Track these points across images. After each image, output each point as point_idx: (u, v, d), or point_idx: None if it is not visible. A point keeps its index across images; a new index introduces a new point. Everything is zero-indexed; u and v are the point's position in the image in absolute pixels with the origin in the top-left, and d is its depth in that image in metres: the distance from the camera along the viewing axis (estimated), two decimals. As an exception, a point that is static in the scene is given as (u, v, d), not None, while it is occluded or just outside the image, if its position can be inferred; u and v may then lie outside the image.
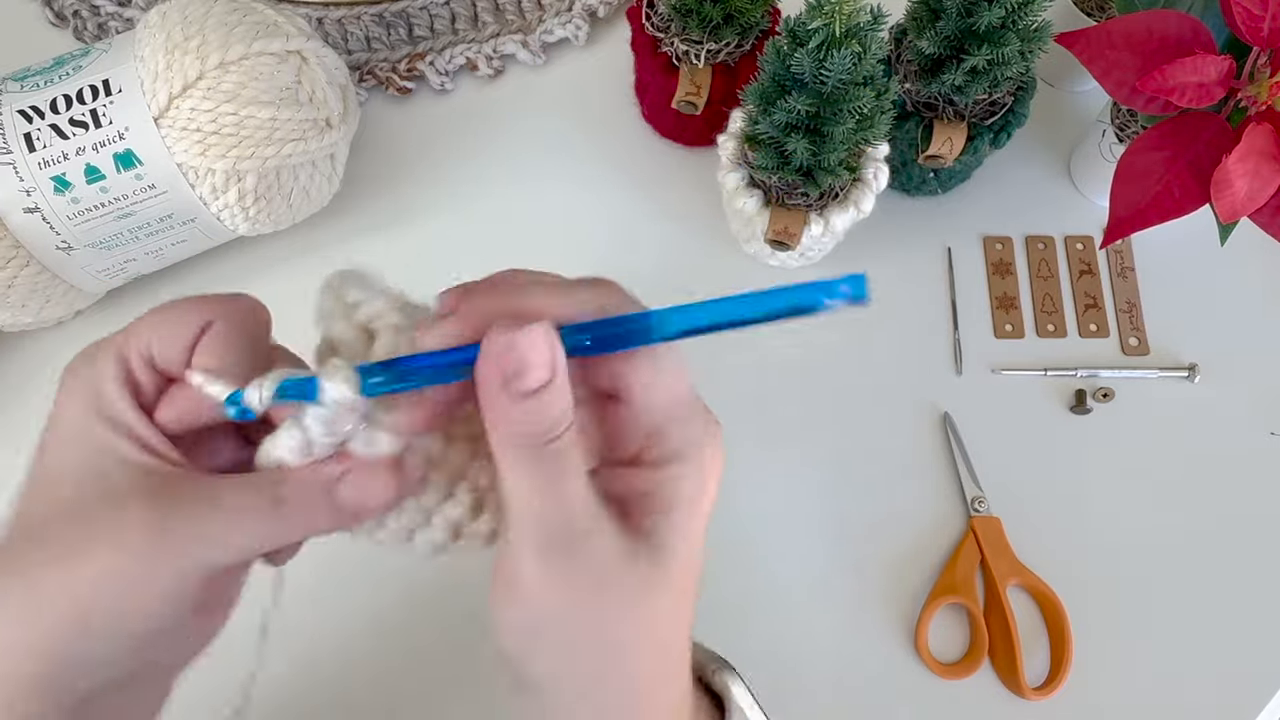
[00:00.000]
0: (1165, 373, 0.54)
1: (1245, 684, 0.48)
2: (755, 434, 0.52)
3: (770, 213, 0.50)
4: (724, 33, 0.51)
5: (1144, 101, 0.44)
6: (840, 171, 0.46)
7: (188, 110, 0.45)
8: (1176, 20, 0.44)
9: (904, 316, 0.56)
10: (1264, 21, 0.42)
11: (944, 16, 0.46)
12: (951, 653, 0.49)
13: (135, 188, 0.46)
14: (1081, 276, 0.57)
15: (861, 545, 0.50)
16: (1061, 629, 0.48)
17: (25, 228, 0.46)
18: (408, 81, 0.60)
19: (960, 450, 0.52)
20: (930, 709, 0.47)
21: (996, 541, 0.50)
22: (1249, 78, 0.44)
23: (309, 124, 0.48)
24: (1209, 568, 0.50)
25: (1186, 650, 0.48)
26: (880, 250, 0.57)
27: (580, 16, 0.62)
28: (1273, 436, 0.53)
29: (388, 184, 0.58)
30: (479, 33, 0.62)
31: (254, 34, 0.47)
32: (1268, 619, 0.49)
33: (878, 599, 0.49)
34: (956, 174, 0.57)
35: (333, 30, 0.60)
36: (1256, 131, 0.42)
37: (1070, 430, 0.53)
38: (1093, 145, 0.56)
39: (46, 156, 0.45)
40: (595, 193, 0.58)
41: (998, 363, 0.54)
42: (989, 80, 0.47)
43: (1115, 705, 0.47)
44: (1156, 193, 0.45)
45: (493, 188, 0.59)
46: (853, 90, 0.42)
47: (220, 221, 0.50)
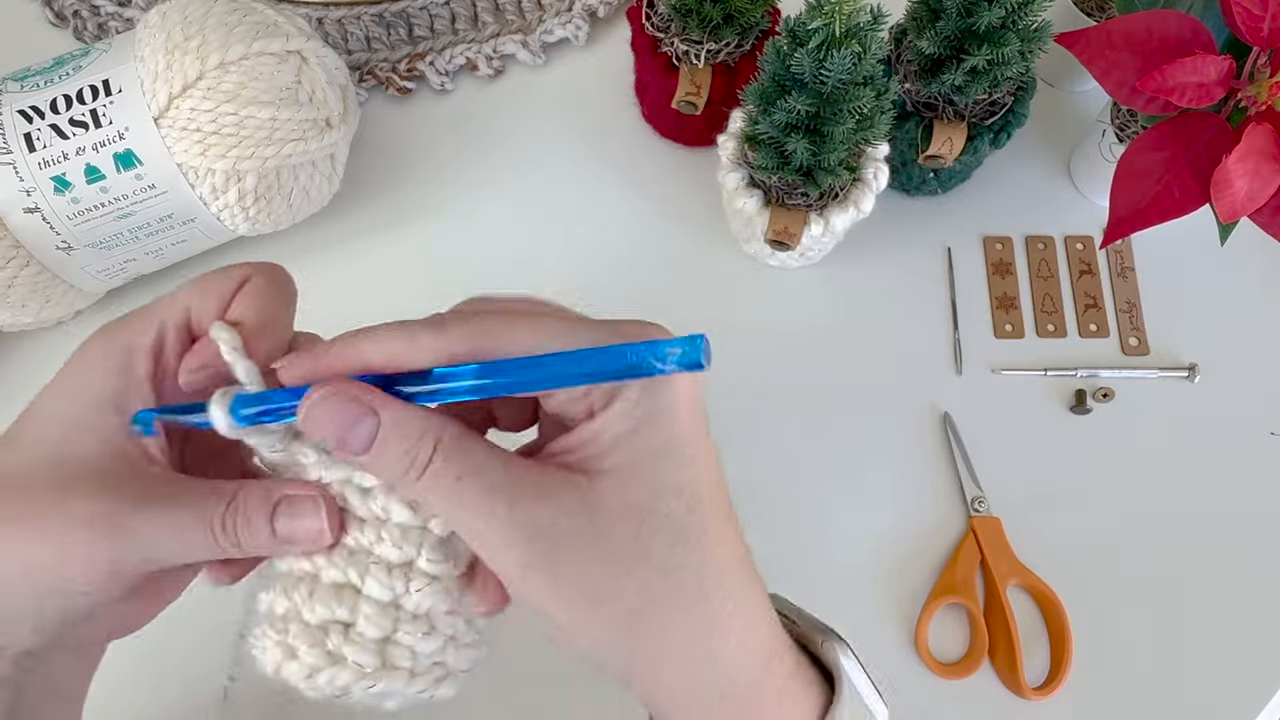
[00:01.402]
0: (1165, 373, 0.54)
1: (1245, 684, 0.48)
2: (754, 434, 0.52)
3: (770, 213, 0.50)
4: (724, 33, 0.51)
5: (1144, 101, 0.44)
6: (840, 171, 0.46)
7: (188, 110, 0.45)
8: (1176, 20, 0.44)
9: (904, 316, 0.56)
10: (1264, 21, 0.42)
11: (944, 16, 0.46)
12: (951, 653, 0.49)
13: (135, 188, 0.46)
14: (1081, 276, 0.57)
15: (861, 545, 0.50)
16: (1061, 629, 0.48)
17: (25, 228, 0.46)
18: (408, 81, 0.60)
19: (960, 450, 0.52)
20: (930, 709, 0.47)
21: (996, 541, 0.50)
22: (1249, 78, 0.44)
23: (309, 124, 0.48)
24: (1209, 568, 0.50)
25: (1186, 650, 0.48)
26: (880, 250, 0.57)
27: (580, 16, 0.62)
28: (1273, 436, 0.53)
29: (388, 184, 0.58)
30: (479, 33, 0.62)
31: (254, 34, 0.47)
32: (1268, 619, 0.49)
33: (878, 599, 0.49)
34: (956, 174, 0.57)
35: (333, 30, 0.60)
36: (1256, 131, 0.42)
37: (1070, 430, 0.53)
38: (1093, 145, 0.56)
39: (46, 156, 0.45)
40: (595, 193, 0.58)
41: (998, 363, 0.54)
42: (989, 80, 0.47)
43: (1115, 705, 0.47)
44: (1156, 193, 0.45)
45: (492, 188, 0.59)
46: (853, 90, 0.42)
47: (220, 221, 0.50)
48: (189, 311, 0.27)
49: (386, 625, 0.27)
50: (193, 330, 0.28)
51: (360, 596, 0.27)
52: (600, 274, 0.55)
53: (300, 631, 0.27)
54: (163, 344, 0.27)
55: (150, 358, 0.27)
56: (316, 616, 0.27)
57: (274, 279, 0.28)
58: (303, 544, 0.27)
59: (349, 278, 0.55)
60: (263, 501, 0.26)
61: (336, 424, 0.24)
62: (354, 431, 0.24)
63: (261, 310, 0.27)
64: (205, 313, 0.27)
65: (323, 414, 0.25)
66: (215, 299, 0.27)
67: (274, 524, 0.26)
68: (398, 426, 0.25)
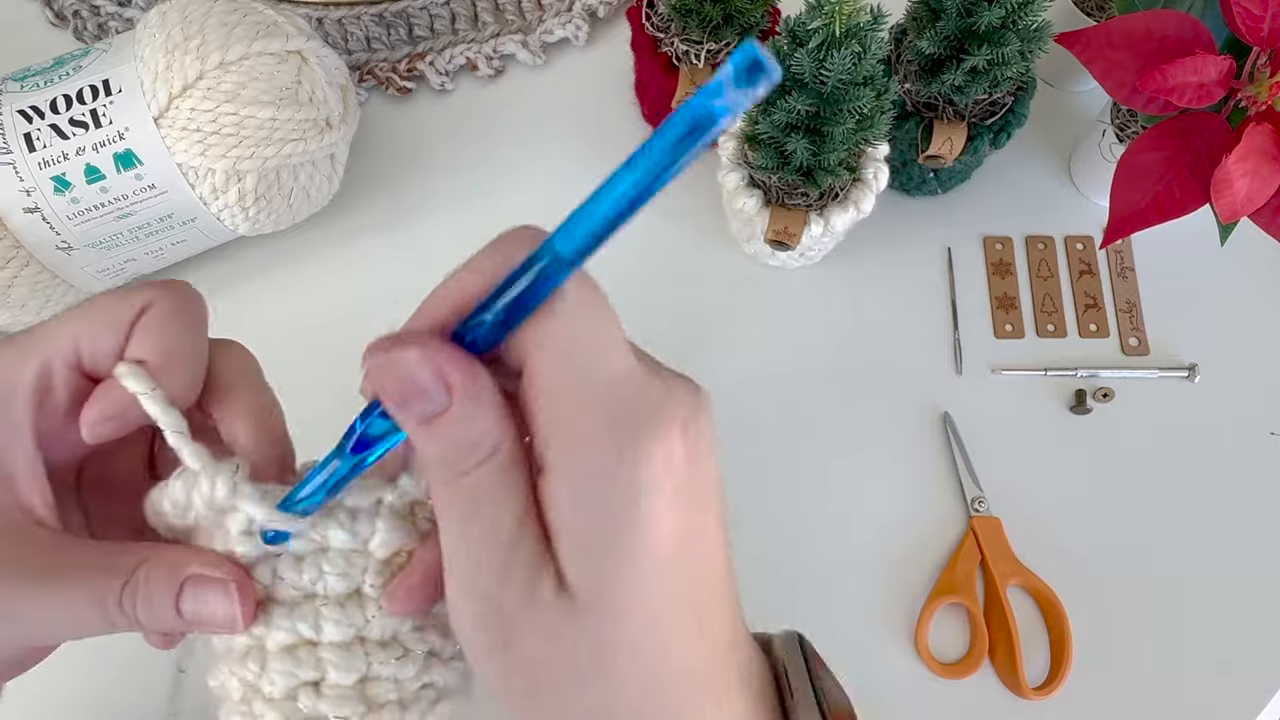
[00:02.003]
0: (1165, 373, 0.54)
1: (1245, 684, 0.48)
2: (754, 435, 0.52)
3: (770, 213, 0.50)
4: (724, 33, 0.51)
5: (1144, 101, 0.44)
6: (840, 171, 0.46)
7: (188, 110, 0.45)
8: (1176, 20, 0.44)
9: (904, 316, 0.56)
10: (1264, 21, 0.42)
11: (944, 16, 0.46)
12: (951, 653, 0.49)
13: (135, 188, 0.46)
14: (1081, 276, 0.57)
15: (861, 545, 0.50)
16: (1061, 629, 0.48)
17: (25, 228, 0.46)
18: (408, 81, 0.60)
19: (960, 450, 0.52)
20: (930, 709, 0.47)
21: (996, 541, 0.50)
22: (1249, 78, 0.44)
23: (309, 124, 0.48)
24: (1209, 568, 0.50)
25: (1186, 650, 0.48)
26: (880, 250, 0.57)
27: (580, 16, 0.62)
28: (1273, 436, 0.53)
29: (388, 184, 0.58)
30: (479, 33, 0.62)
31: (254, 34, 0.47)
32: (1268, 619, 0.49)
33: (878, 599, 0.49)
34: (956, 174, 0.57)
35: (333, 30, 0.60)
36: (1256, 131, 0.42)
37: (1070, 430, 0.53)
38: (1093, 145, 0.56)
39: (46, 156, 0.45)
40: (595, 193, 0.58)
41: (998, 363, 0.54)
42: (989, 80, 0.47)
43: (1115, 705, 0.47)
44: (1156, 193, 0.45)
45: (492, 188, 0.59)
46: (853, 90, 0.42)
47: (220, 221, 0.50)
48: (78, 344, 0.23)
49: (359, 665, 0.24)
50: (85, 368, 0.23)
51: (319, 646, 0.24)
52: (600, 274, 0.55)
53: (266, 709, 0.24)
54: (49, 384, 0.23)
55: (32, 401, 0.23)
56: (279, 688, 0.24)
57: (179, 300, 0.24)
58: (214, 629, 0.24)
59: (349, 278, 0.55)
60: (166, 582, 0.23)
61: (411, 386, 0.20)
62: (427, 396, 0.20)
63: (167, 341, 0.23)
64: (99, 348, 0.23)
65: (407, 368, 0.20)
66: (109, 330, 0.23)
67: (179, 606, 0.23)
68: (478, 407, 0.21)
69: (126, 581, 0.23)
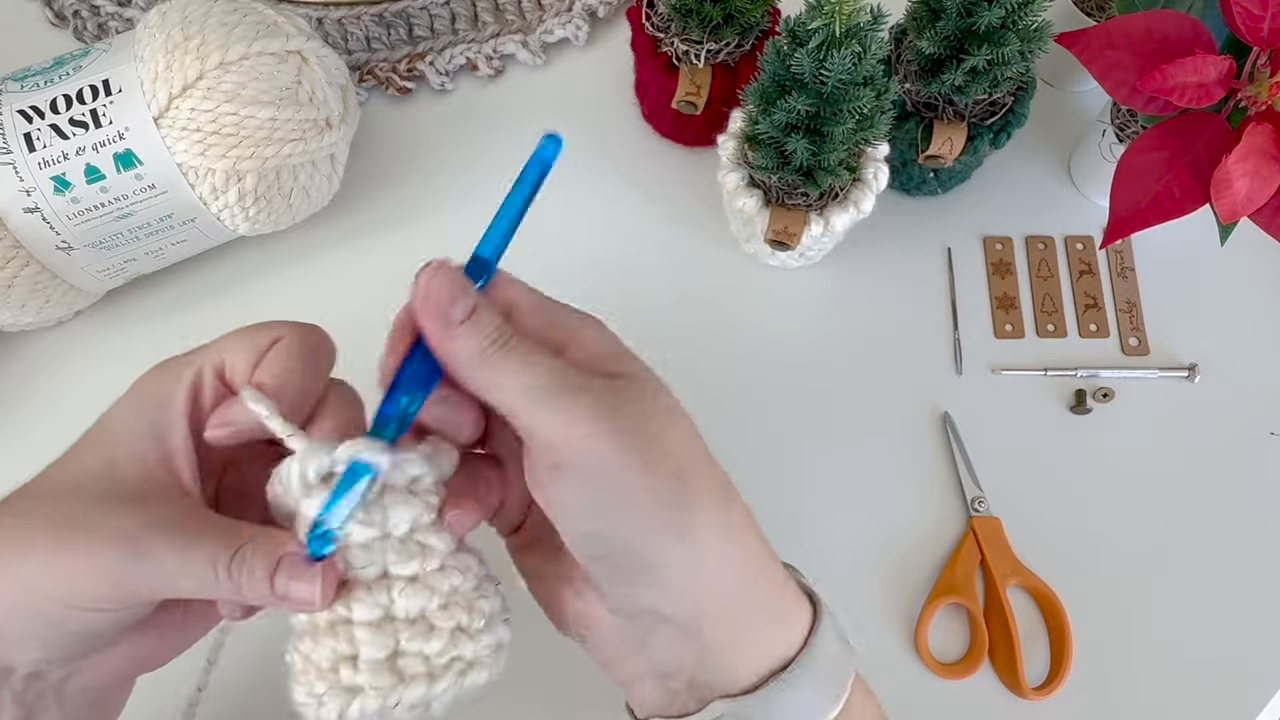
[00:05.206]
0: (1165, 373, 0.54)
1: (1245, 684, 0.48)
2: (754, 434, 0.52)
3: (770, 213, 0.50)
4: (724, 33, 0.51)
5: (1144, 101, 0.44)
6: (840, 171, 0.46)
7: (188, 110, 0.45)
8: (1176, 20, 0.44)
9: (904, 316, 0.56)
10: (1264, 21, 0.42)
11: (944, 16, 0.46)
12: (951, 653, 0.49)
13: (135, 188, 0.46)
14: (1081, 276, 0.57)
15: (861, 545, 0.50)
16: (1061, 629, 0.48)
17: (25, 228, 0.46)
18: (408, 81, 0.60)
19: (960, 450, 0.52)
20: (930, 709, 0.47)
21: (996, 541, 0.50)
22: (1249, 78, 0.44)
23: (309, 124, 0.48)
24: (1209, 567, 0.50)
25: (1186, 650, 0.48)
26: (880, 250, 0.57)
27: (580, 17, 0.62)
28: (1273, 436, 0.53)
29: (388, 184, 0.58)
30: (479, 33, 0.62)
31: (254, 34, 0.47)
32: (1267, 619, 0.49)
33: (878, 599, 0.49)
34: (956, 174, 0.57)
35: (333, 30, 0.60)
36: (1256, 131, 0.42)
37: (1070, 430, 0.53)
38: (1093, 145, 0.56)
39: (46, 156, 0.45)
40: (595, 193, 0.58)
41: (998, 363, 0.54)
42: (989, 80, 0.47)
43: (1115, 705, 0.47)
44: (1156, 193, 0.45)
45: (493, 188, 0.58)
46: (853, 90, 0.42)
47: (220, 221, 0.50)
48: (224, 360, 0.29)
49: (388, 641, 0.28)
50: (225, 379, 0.29)
51: (352, 624, 0.28)
52: (600, 274, 0.55)
53: (318, 677, 0.28)
54: (201, 386, 0.29)
55: (188, 396, 0.29)
56: (325, 659, 0.28)
57: (305, 341, 0.29)
58: (293, 606, 0.28)
59: (349, 278, 0.55)
60: (268, 555, 0.27)
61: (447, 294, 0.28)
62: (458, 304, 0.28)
63: (284, 372, 0.29)
64: (238, 365, 0.29)
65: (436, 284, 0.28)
66: (247, 353, 0.29)
67: (273, 580, 0.27)
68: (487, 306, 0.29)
69: (237, 550, 0.27)
